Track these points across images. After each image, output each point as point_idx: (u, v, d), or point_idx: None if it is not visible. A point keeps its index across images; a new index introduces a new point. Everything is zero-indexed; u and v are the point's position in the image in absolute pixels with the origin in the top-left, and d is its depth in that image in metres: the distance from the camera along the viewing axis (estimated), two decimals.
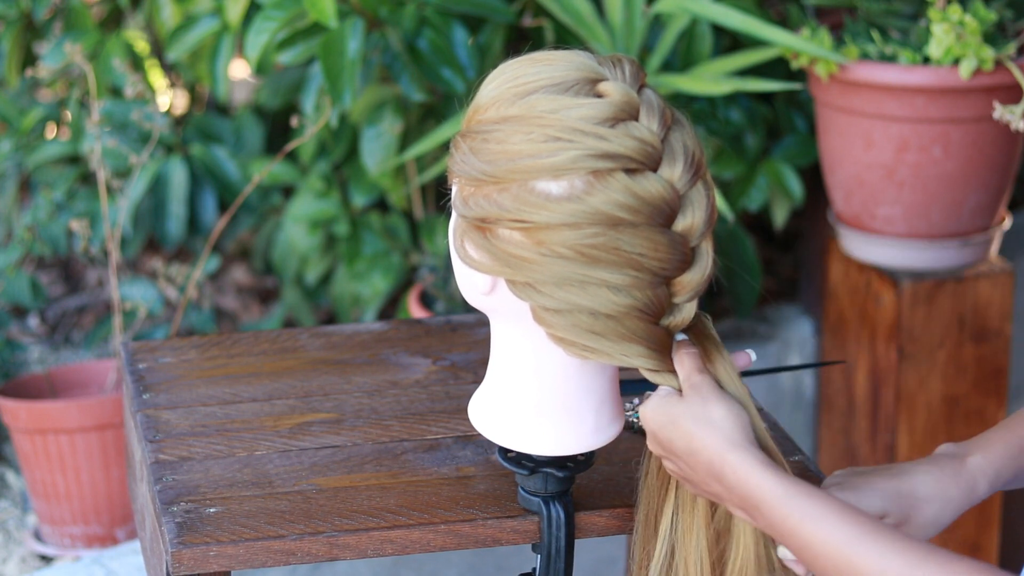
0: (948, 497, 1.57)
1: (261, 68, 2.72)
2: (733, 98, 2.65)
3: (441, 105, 2.66)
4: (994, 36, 2.35)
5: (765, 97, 2.79)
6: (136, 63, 2.92)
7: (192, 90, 3.17)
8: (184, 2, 2.79)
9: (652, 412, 1.52)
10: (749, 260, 2.71)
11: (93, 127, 2.54)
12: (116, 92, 2.90)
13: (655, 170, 1.47)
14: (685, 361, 1.52)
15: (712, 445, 1.46)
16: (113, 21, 3.07)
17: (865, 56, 2.38)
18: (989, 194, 2.44)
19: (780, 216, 2.76)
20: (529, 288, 1.49)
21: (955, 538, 2.57)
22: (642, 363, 1.51)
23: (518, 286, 1.49)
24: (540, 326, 1.51)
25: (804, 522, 1.40)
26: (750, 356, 1.57)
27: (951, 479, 1.57)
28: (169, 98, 3.16)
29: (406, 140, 2.69)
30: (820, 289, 2.81)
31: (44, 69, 2.72)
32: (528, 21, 2.63)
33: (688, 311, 1.52)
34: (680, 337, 1.54)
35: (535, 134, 1.45)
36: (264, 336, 1.99)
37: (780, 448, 1.68)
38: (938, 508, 1.56)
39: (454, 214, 1.54)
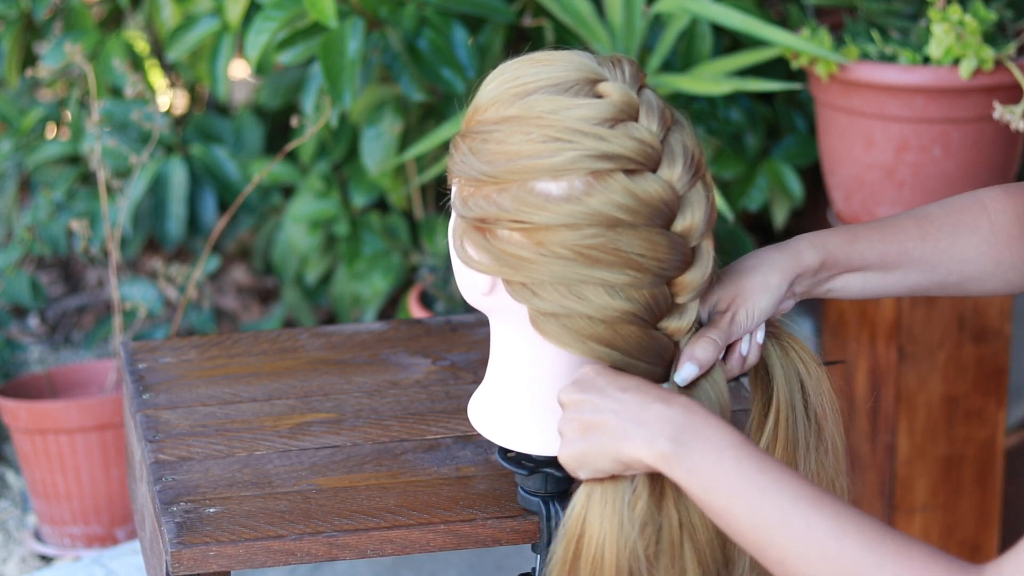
0: (771, 261, 1.57)
1: (261, 68, 2.72)
2: (733, 98, 2.65)
3: (441, 105, 2.66)
4: (994, 36, 2.35)
5: (765, 97, 2.79)
6: (136, 63, 2.92)
7: (192, 90, 3.17)
8: (184, 2, 2.79)
9: (594, 368, 1.49)
10: None
11: (93, 127, 2.54)
12: (116, 92, 2.90)
13: (654, 171, 1.47)
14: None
15: (674, 392, 1.44)
16: (113, 21, 3.07)
17: (865, 56, 2.38)
18: None
19: (780, 216, 2.76)
20: (526, 290, 1.49)
21: (955, 538, 2.57)
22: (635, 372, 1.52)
23: (515, 287, 1.49)
24: (536, 331, 1.51)
25: (757, 471, 1.35)
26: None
27: (773, 249, 1.58)
28: (169, 98, 3.16)
29: (406, 140, 2.69)
30: None
31: (44, 69, 2.72)
32: (528, 21, 2.63)
33: (691, 312, 1.52)
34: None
35: (534, 135, 1.45)
36: (264, 336, 1.99)
37: None
38: (763, 273, 1.56)
39: (454, 214, 1.54)
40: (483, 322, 2.02)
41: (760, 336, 1.57)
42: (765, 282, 1.56)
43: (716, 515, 1.38)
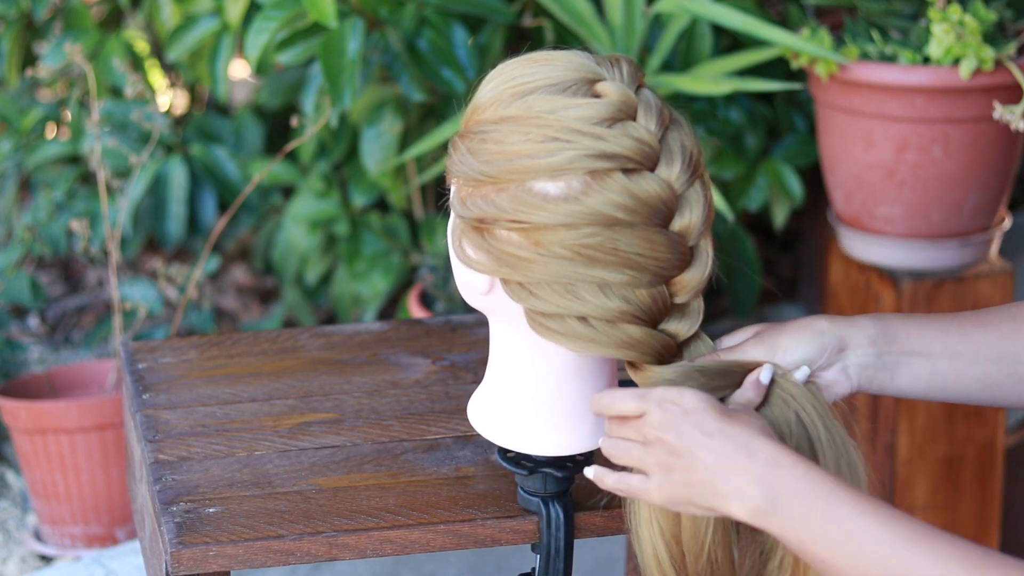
0: (822, 315, 1.55)
1: (261, 68, 2.72)
2: (733, 98, 2.65)
3: (441, 105, 2.66)
4: (994, 36, 2.35)
5: (765, 97, 2.79)
6: (136, 63, 2.93)
7: (192, 90, 3.17)
8: (184, 2, 2.79)
9: (693, 395, 1.45)
10: (749, 260, 2.71)
11: (93, 127, 2.54)
12: (116, 92, 2.90)
13: (653, 170, 1.47)
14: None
15: (762, 434, 1.41)
16: (113, 21, 3.07)
17: (865, 56, 2.38)
18: (989, 194, 2.44)
19: (780, 216, 2.76)
20: (524, 290, 1.49)
21: None
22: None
23: (513, 287, 1.49)
24: (534, 332, 1.51)
25: (850, 517, 1.35)
26: None
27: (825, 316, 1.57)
28: (169, 98, 3.16)
29: (406, 140, 2.69)
30: (820, 289, 2.80)
31: (44, 69, 2.72)
32: (528, 21, 2.63)
33: (694, 315, 1.52)
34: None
35: (533, 134, 1.45)
36: (264, 336, 1.99)
37: None
38: (809, 317, 1.54)
39: (453, 214, 1.54)
40: (483, 322, 2.02)
41: (801, 375, 1.54)
42: (809, 323, 1.54)
43: (816, 564, 1.38)
